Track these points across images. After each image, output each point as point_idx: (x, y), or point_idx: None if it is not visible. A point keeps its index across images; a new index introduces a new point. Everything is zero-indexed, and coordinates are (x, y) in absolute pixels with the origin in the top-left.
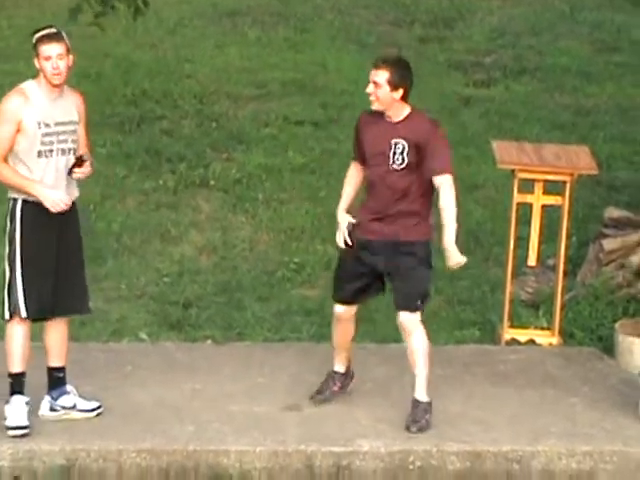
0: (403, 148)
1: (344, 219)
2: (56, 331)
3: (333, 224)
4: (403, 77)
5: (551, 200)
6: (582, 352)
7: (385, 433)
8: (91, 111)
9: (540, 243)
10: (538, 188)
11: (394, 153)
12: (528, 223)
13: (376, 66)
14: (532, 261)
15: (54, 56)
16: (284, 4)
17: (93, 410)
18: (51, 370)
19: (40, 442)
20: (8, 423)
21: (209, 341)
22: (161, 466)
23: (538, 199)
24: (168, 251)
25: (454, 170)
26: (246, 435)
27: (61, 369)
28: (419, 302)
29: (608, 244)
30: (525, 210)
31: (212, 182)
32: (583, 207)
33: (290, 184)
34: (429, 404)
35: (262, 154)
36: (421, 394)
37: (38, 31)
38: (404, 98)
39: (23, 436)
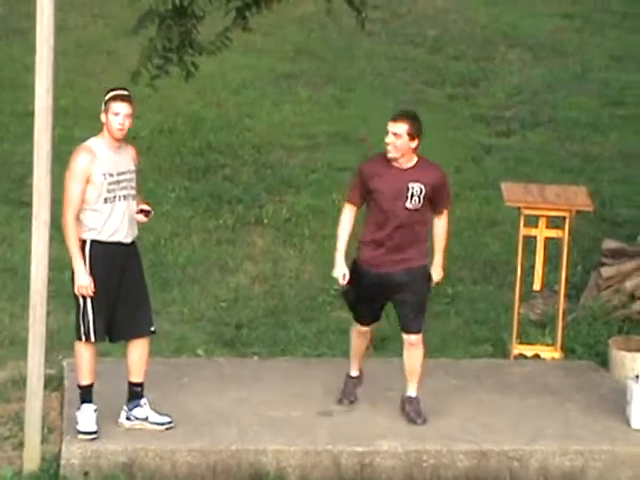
0: (420, 190)
1: (344, 268)
2: (136, 351)
3: None
4: (419, 130)
5: (553, 233)
6: (580, 365)
7: (402, 435)
8: (163, 161)
9: (544, 271)
10: (542, 223)
11: (411, 195)
12: (534, 253)
13: (395, 120)
14: (537, 286)
15: (122, 114)
16: (332, 67)
17: (164, 424)
18: (130, 384)
19: (106, 443)
20: (79, 428)
21: (255, 357)
22: (209, 463)
23: (542, 232)
24: (226, 280)
25: (475, 208)
26: (282, 437)
27: (138, 384)
28: (424, 324)
29: (605, 272)
30: (533, 242)
31: (266, 221)
32: (589, 240)
33: (332, 222)
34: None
35: (309, 196)
36: (415, 391)
37: (112, 90)
38: (417, 148)
39: (92, 440)
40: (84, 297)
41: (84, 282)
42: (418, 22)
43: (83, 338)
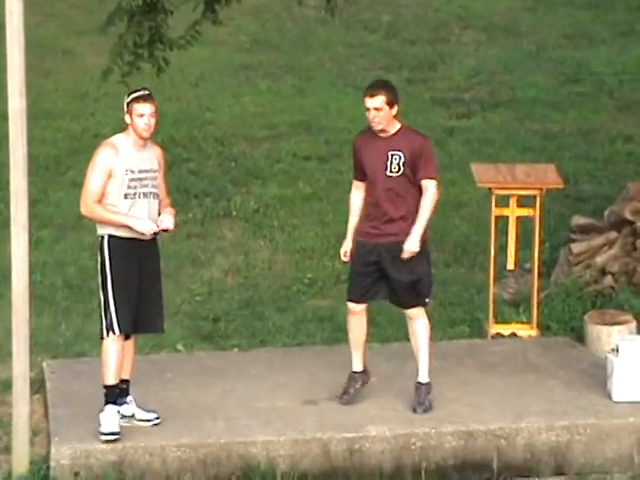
0: (400, 158)
1: (348, 244)
2: (126, 348)
3: (340, 244)
4: (396, 96)
5: (524, 212)
6: (557, 341)
7: (390, 419)
8: None
9: (517, 250)
10: (513, 202)
11: (391, 163)
12: (506, 233)
13: (372, 94)
14: (510, 265)
15: (147, 114)
16: (290, 57)
17: (150, 420)
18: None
19: (95, 442)
20: (102, 429)
21: (236, 349)
22: (199, 457)
23: (513, 212)
24: (199, 274)
25: (442, 191)
26: (270, 427)
27: (125, 381)
28: (427, 298)
29: (576, 248)
30: (503, 222)
31: (234, 213)
32: (554, 217)
33: (301, 211)
34: (430, 385)
35: (276, 186)
36: (424, 376)
37: (134, 92)
38: (397, 114)
39: (116, 440)
40: (105, 292)
41: (146, 225)
42: (372, 8)
43: (105, 332)
